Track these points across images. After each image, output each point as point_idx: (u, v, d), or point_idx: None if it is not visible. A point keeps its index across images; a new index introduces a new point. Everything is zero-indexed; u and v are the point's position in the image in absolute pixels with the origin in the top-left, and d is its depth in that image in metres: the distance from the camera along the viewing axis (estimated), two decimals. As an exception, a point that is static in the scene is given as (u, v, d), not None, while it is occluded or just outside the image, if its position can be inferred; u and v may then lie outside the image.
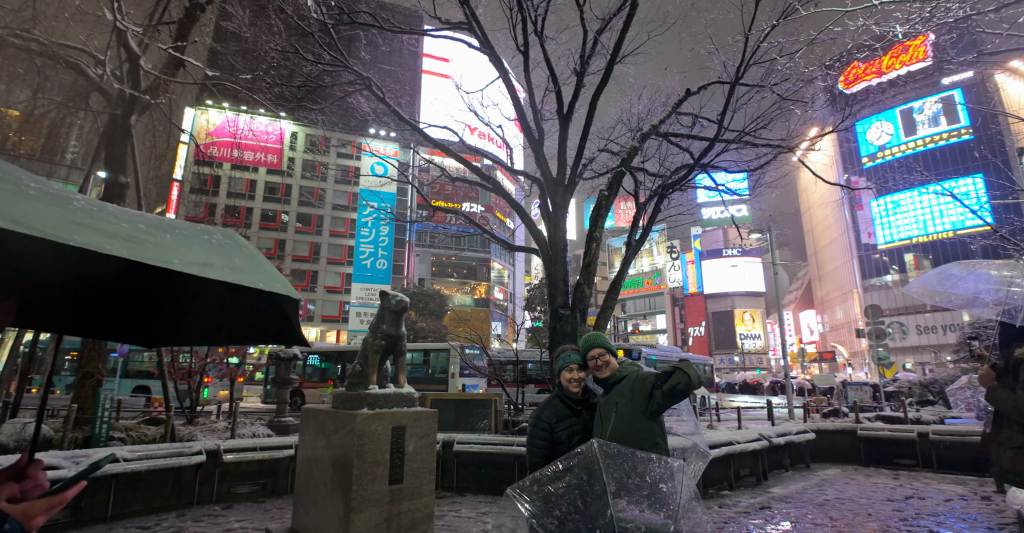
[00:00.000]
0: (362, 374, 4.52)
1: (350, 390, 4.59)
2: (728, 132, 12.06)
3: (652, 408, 2.67)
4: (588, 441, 2.43)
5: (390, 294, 4.54)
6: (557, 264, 9.96)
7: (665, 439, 2.75)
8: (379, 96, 12.23)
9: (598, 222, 10.22)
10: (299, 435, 4.98)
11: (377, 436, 4.01)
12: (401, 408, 4.29)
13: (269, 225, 56.94)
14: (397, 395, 4.34)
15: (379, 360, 4.45)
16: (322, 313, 56.05)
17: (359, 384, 4.52)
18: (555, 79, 10.95)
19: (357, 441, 3.91)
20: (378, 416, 4.06)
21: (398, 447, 4.11)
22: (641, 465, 2.36)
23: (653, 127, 11.41)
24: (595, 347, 3.04)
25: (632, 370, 2.93)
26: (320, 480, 4.36)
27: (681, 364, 2.61)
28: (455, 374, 19.33)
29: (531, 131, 10.89)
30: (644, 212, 11.84)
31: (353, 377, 4.61)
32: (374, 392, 4.24)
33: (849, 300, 77.74)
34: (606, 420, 2.80)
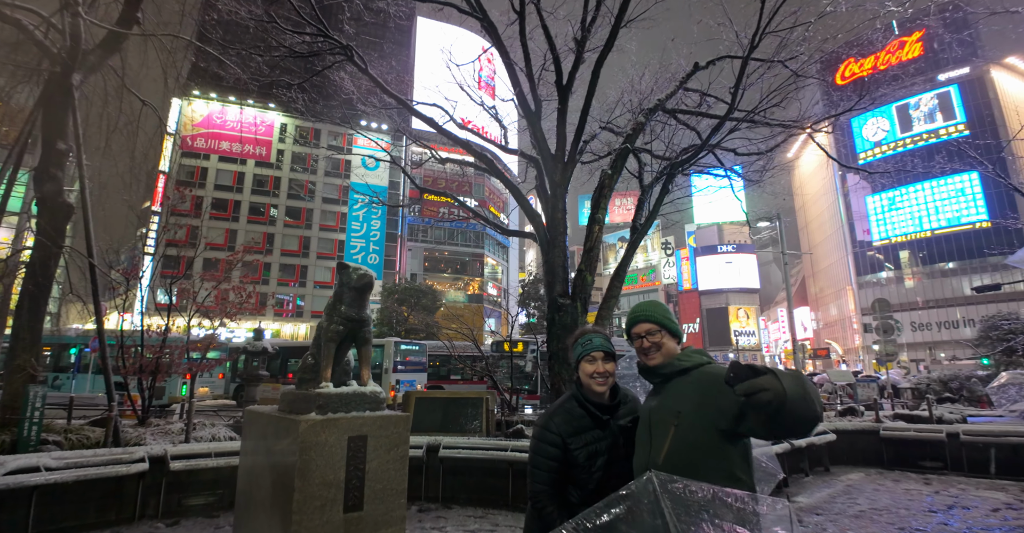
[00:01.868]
0: (314, 368, 3.56)
1: (299, 387, 3.62)
2: (738, 111, 11.17)
3: (738, 427, 1.67)
4: (641, 475, 1.49)
5: (350, 266, 3.58)
6: (556, 249, 9.02)
7: (749, 470, 1.76)
8: (361, 67, 11.19)
9: (600, 204, 9.30)
10: (241, 441, 4.02)
11: (328, 449, 3.05)
12: (362, 412, 3.32)
13: (257, 218, 55.72)
14: (357, 395, 3.37)
15: (335, 350, 3.49)
16: (312, 308, 54.90)
17: (310, 381, 3.56)
18: (552, 46, 9.98)
19: (301, 456, 2.94)
20: (330, 423, 3.09)
21: (357, 462, 3.14)
22: (722, 510, 1.42)
23: (660, 102, 10.48)
24: (644, 321, 2.07)
25: (700, 361, 1.96)
26: (258, 501, 3.39)
27: (777, 374, 1.51)
28: (389, 370, 18.60)
29: (527, 103, 9.92)
30: (648, 195, 10.93)
31: (303, 371, 3.64)
32: (326, 391, 3.28)
33: (843, 297, 77.49)
34: (659, 434, 1.82)
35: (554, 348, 8.44)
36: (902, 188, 65.05)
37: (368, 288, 3.55)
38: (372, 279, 3.56)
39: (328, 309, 3.57)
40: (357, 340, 3.59)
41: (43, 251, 6.35)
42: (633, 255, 9.87)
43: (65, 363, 21.88)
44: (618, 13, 8.89)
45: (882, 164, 60.36)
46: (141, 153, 9.17)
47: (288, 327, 55.25)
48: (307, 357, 3.66)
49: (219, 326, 9.49)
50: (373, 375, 3.99)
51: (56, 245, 6.38)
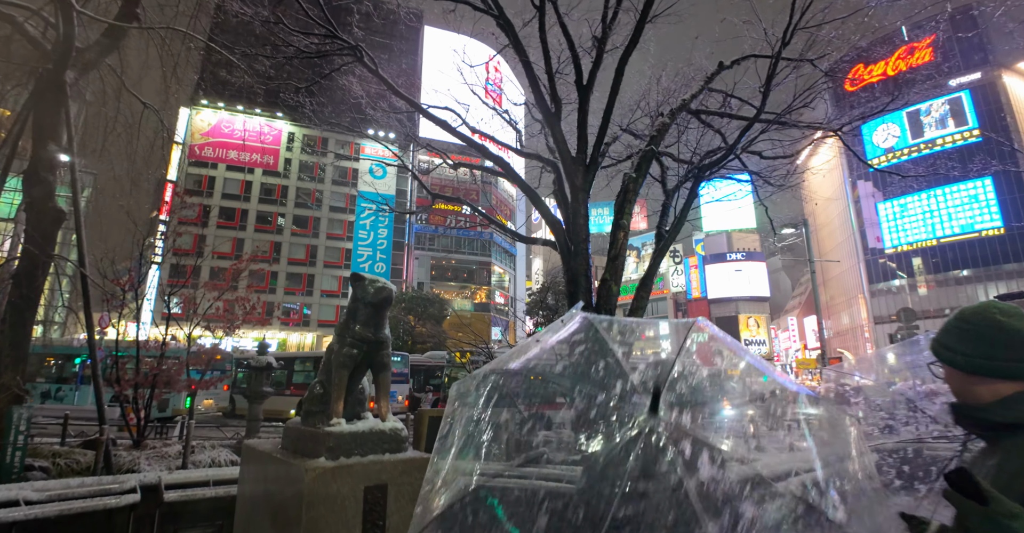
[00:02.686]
0: (323, 398, 3.01)
1: (306, 422, 3.07)
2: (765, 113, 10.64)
3: None
4: None
5: (366, 278, 3.03)
6: (578, 257, 8.47)
7: None
8: (371, 68, 10.78)
9: (625, 209, 8.75)
10: (239, 484, 3.47)
11: (340, 503, 2.49)
12: (381, 455, 2.76)
13: (264, 227, 55.53)
14: (375, 434, 2.81)
15: (349, 378, 2.95)
16: (319, 318, 54.52)
17: (318, 414, 3.00)
18: (572, 44, 9.52)
19: (307, 512, 2.38)
20: (343, 470, 2.54)
21: (375, 518, 2.58)
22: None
23: (684, 102, 9.97)
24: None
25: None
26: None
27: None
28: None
29: (545, 104, 9.43)
30: (673, 199, 10.38)
31: (310, 403, 3.09)
32: (338, 429, 2.73)
33: (855, 305, 76.34)
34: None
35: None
36: (914, 195, 64.09)
37: (387, 304, 3.01)
38: (391, 293, 3.01)
39: (340, 328, 3.03)
40: (374, 365, 3.04)
41: (30, 260, 5.87)
42: (660, 262, 9.30)
43: (68, 374, 21.43)
44: (644, 8, 8.40)
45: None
46: (142, 157, 8.72)
47: (294, 337, 54.86)
48: (314, 385, 3.11)
49: (225, 336, 9.02)
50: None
51: (44, 254, 5.91)
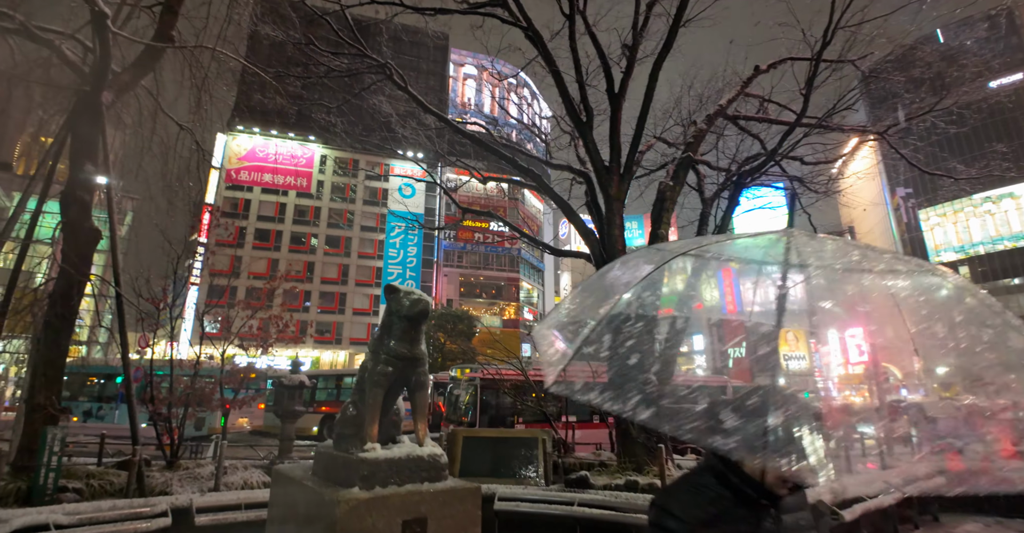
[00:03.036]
0: (355, 421, 2.77)
1: (338, 446, 2.83)
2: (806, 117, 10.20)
3: None
4: None
5: (400, 290, 2.81)
6: (615, 269, 8.15)
7: None
8: (400, 85, 10.81)
9: (663, 218, 8.41)
10: (270, 503, 3.24)
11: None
12: (420, 484, 2.50)
13: (298, 248, 56.80)
14: (412, 461, 2.55)
15: (383, 398, 2.71)
16: (350, 335, 55.09)
17: (351, 437, 2.76)
18: (601, 53, 9.33)
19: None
20: (379, 502, 2.28)
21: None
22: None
23: (721, 107, 9.64)
24: None
25: None
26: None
27: None
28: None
29: (576, 114, 9.22)
30: (713, 208, 9.98)
31: (343, 425, 2.85)
32: (373, 455, 2.48)
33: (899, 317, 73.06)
34: None
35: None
36: (957, 201, 61.49)
37: (423, 317, 2.77)
38: (428, 305, 2.78)
39: (373, 344, 2.80)
40: (410, 384, 2.79)
41: (66, 280, 5.90)
42: (701, 274, 8.90)
43: (111, 392, 21.86)
44: (677, 11, 8.17)
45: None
46: (176, 177, 8.82)
47: (327, 354, 55.50)
48: (347, 407, 2.87)
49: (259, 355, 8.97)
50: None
51: (80, 273, 5.93)
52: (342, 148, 58.58)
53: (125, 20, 7.42)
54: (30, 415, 6.01)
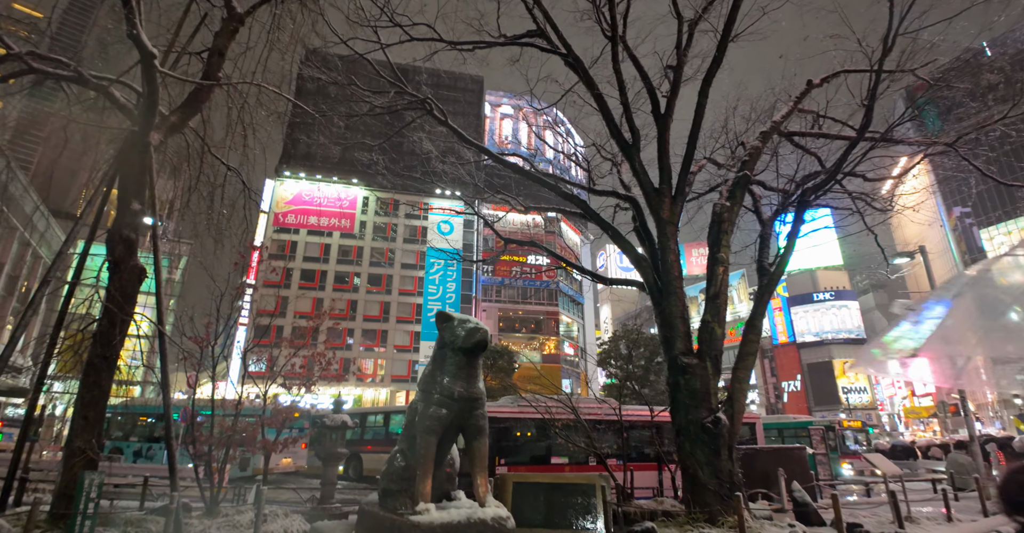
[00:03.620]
0: (404, 474, 2.34)
1: (384, 505, 2.41)
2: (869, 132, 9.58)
3: None
4: None
5: (455, 318, 2.42)
6: (671, 297, 7.56)
7: None
8: (440, 119, 10.82)
9: (721, 240, 7.86)
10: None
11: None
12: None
13: (342, 287, 57.97)
14: (475, 526, 2.11)
15: (437, 446, 2.28)
16: (392, 373, 55.13)
17: (399, 494, 2.33)
18: (644, 76, 9.07)
19: None
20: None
21: None
22: None
23: (775, 124, 9.14)
24: None
25: None
26: None
27: None
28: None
29: (622, 136, 8.90)
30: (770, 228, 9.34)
31: (390, 479, 2.43)
32: (428, 520, 2.06)
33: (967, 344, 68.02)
34: None
35: (682, 420, 6.80)
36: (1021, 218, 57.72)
37: (481, 349, 2.37)
38: (486, 335, 2.37)
39: (424, 382, 2.40)
40: (467, 429, 2.37)
41: (109, 319, 5.82)
42: (767, 301, 8.19)
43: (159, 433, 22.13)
44: (726, 26, 7.84)
45: (992, 193, 53.99)
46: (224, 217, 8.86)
47: (369, 392, 55.58)
48: (394, 457, 2.46)
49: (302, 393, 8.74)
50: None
51: (124, 312, 5.84)
52: (383, 189, 60.45)
53: (173, 65, 7.65)
54: (68, 459, 5.83)
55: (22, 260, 31.96)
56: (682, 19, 9.02)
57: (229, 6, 7.61)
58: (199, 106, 7.48)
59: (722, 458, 6.47)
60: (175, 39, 7.74)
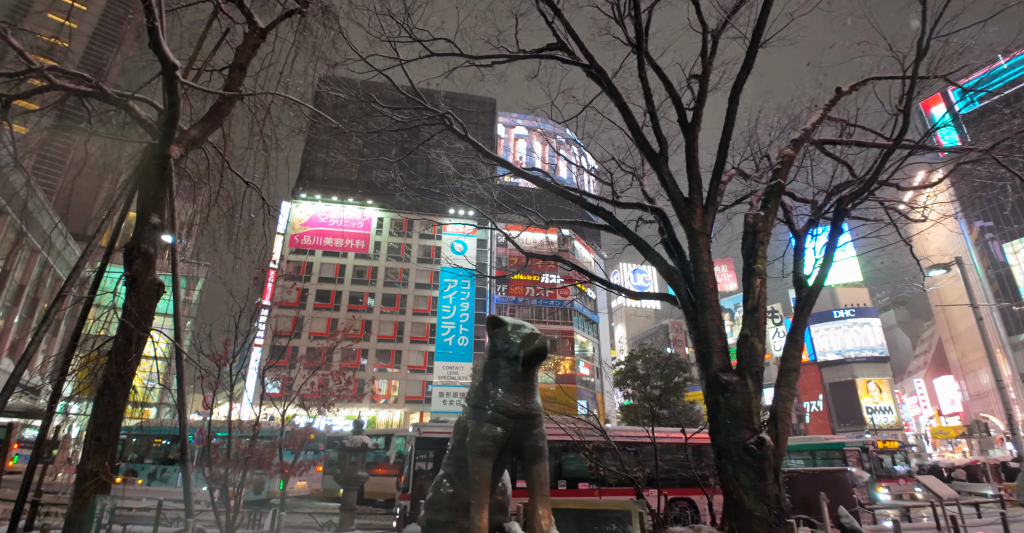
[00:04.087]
0: (452, 503, 2.03)
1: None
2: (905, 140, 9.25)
3: None
4: None
5: (508, 323, 2.14)
6: (707, 311, 7.21)
7: None
8: (460, 133, 10.71)
9: (757, 251, 7.52)
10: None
11: None
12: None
13: (356, 307, 57.93)
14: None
15: (492, 468, 1.98)
16: (405, 394, 54.60)
17: (449, 526, 2.02)
18: (669, 85, 8.88)
19: None
20: None
21: None
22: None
23: (806, 132, 8.87)
24: None
25: None
26: None
27: None
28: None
29: (648, 146, 8.67)
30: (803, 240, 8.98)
31: (436, 509, 2.13)
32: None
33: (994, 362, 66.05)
34: None
35: (723, 441, 6.38)
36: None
37: (540, 358, 2.08)
38: (546, 343, 2.08)
39: (474, 397, 2.11)
40: (524, 451, 2.06)
41: (126, 336, 5.63)
42: (808, 316, 7.78)
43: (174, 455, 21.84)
44: (755, 30, 7.64)
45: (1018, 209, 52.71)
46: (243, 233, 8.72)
47: (383, 414, 55.05)
48: (440, 483, 2.16)
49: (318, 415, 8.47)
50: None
51: (141, 329, 5.64)
52: (397, 210, 60.88)
53: (194, 79, 7.61)
54: (81, 483, 5.56)
55: (43, 282, 32.38)
56: (707, 28, 8.85)
57: (251, 21, 7.59)
58: (220, 120, 7.41)
59: (768, 482, 6.04)
60: (196, 53, 7.72)
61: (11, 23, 6.36)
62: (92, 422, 5.57)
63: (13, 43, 6.31)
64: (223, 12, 8.19)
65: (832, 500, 9.04)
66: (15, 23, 7.00)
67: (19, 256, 29.42)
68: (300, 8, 7.89)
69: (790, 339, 7.50)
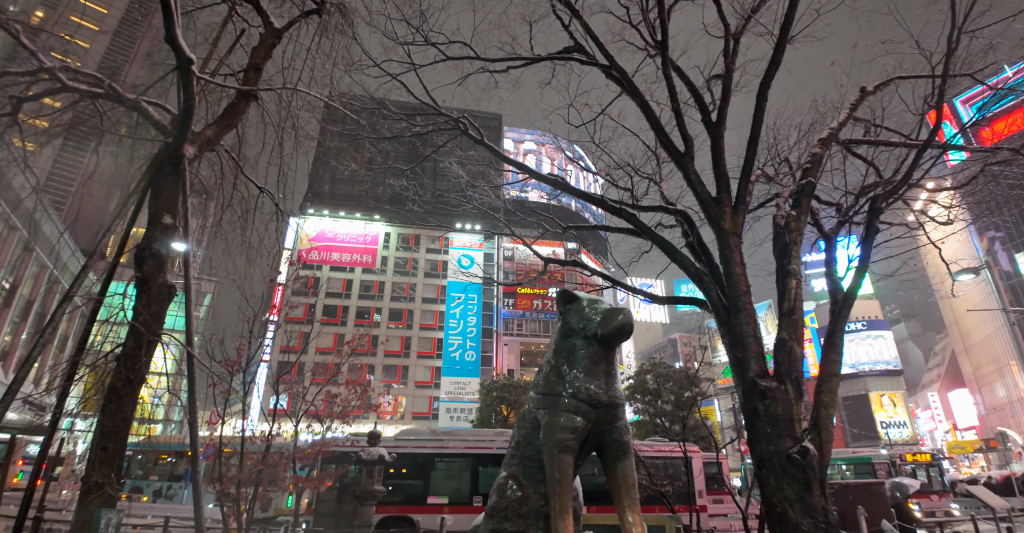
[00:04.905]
0: (522, 508, 1.72)
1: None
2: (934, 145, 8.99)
3: None
4: None
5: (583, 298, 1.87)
6: (741, 314, 6.88)
7: None
8: (476, 138, 10.51)
9: (791, 252, 7.22)
10: None
11: None
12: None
13: (363, 322, 57.54)
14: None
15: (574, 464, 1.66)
16: (412, 410, 53.94)
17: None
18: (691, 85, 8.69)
19: None
20: None
21: None
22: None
23: (833, 131, 8.61)
24: None
25: None
26: None
27: None
28: None
29: (672, 146, 8.43)
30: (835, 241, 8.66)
31: (506, 515, 1.82)
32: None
33: (1008, 375, 65.04)
34: None
35: (764, 451, 6.00)
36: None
37: (625, 335, 1.78)
38: (630, 319, 1.79)
39: (547, 383, 1.83)
40: (606, 447, 1.76)
41: (135, 340, 5.36)
42: (844, 321, 7.41)
43: (180, 471, 21.37)
44: (782, 26, 7.44)
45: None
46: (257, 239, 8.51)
47: (389, 430, 54.35)
48: (506, 485, 1.85)
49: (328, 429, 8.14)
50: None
51: (152, 333, 5.37)
52: (405, 225, 60.89)
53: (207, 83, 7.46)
54: (85, 496, 5.22)
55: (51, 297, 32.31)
56: (728, 27, 8.68)
57: (267, 22, 7.45)
58: (235, 120, 7.23)
59: (815, 494, 5.65)
60: (212, 51, 7.58)
61: (23, 21, 6.24)
62: (98, 430, 5.26)
63: (24, 42, 6.16)
64: (238, 14, 8.08)
65: (871, 514, 8.59)
66: (27, 21, 6.89)
67: (27, 272, 29.40)
68: (317, 9, 7.76)
69: (828, 343, 7.13)
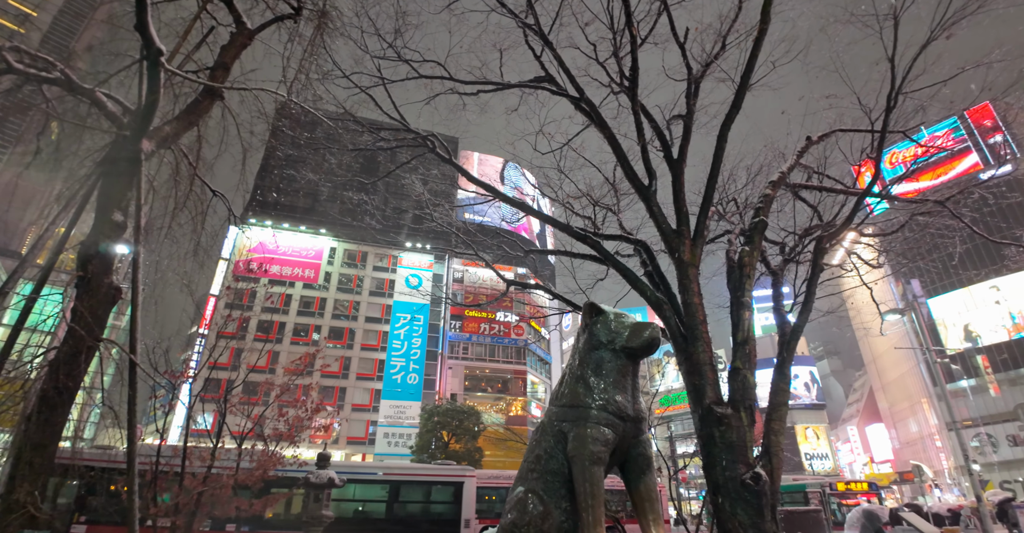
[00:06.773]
0: (546, 524, 1.66)
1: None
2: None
3: None
4: None
5: (609, 311, 1.88)
6: (698, 343, 7.11)
7: None
8: (444, 157, 10.55)
9: (745, 285, 7.57)
10: None
11: None
12: None
13: (300, 340, 54.99)
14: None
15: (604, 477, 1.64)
16: (348, 434, 51.55)
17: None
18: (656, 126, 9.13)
19: None
20: None
21: None
22: None
23: (783, 174, 9.21)
24: None
25: None
26: None
27: None
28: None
29: (637, 179, 8.76)
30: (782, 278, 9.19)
31: (524, 530, 1.75)
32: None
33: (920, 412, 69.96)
34: None
35: (719, 477, 6.14)
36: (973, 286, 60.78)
37: (653, 349, 1.79)
38: (659, 333, 1.82)
39: (572, 394, 1.81)
40: (631, 461, 1.77)
41: (74, 344, 4.88)
42: (793, 352, 7.82)
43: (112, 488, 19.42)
44: (743, 73, 7.97)
45: (939, 267, 57.20)
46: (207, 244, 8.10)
47: (319, 454, 51.73)
48: (526, 500, 1.79)
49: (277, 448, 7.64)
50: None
51: (92, 336, 4.92)
52: (352, 240, 59.40)
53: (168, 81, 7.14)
54: (4, 517, 4.62)
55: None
56: (691, 70, 9.21)
57: (240, 21, 7.26)
58: (197, 118, 6.92)
59: (767, 519, 5.82)
60: (180, 45, 7.27)
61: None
62: (23, 442, 4.69)
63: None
64: (207, 12, 7.84)
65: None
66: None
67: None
68: (293, 14, 7.63)
69: (778, 372, 7.49)
